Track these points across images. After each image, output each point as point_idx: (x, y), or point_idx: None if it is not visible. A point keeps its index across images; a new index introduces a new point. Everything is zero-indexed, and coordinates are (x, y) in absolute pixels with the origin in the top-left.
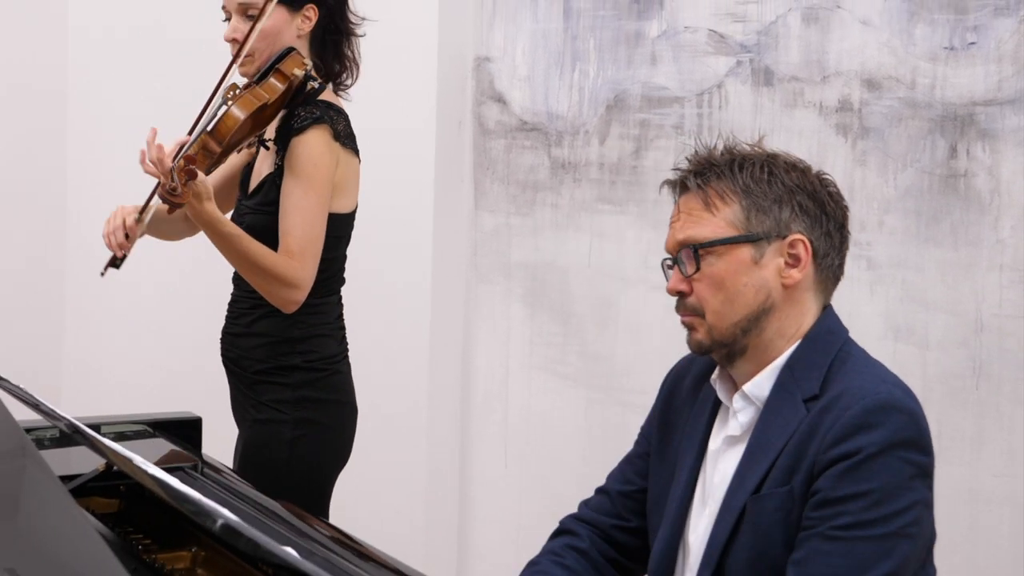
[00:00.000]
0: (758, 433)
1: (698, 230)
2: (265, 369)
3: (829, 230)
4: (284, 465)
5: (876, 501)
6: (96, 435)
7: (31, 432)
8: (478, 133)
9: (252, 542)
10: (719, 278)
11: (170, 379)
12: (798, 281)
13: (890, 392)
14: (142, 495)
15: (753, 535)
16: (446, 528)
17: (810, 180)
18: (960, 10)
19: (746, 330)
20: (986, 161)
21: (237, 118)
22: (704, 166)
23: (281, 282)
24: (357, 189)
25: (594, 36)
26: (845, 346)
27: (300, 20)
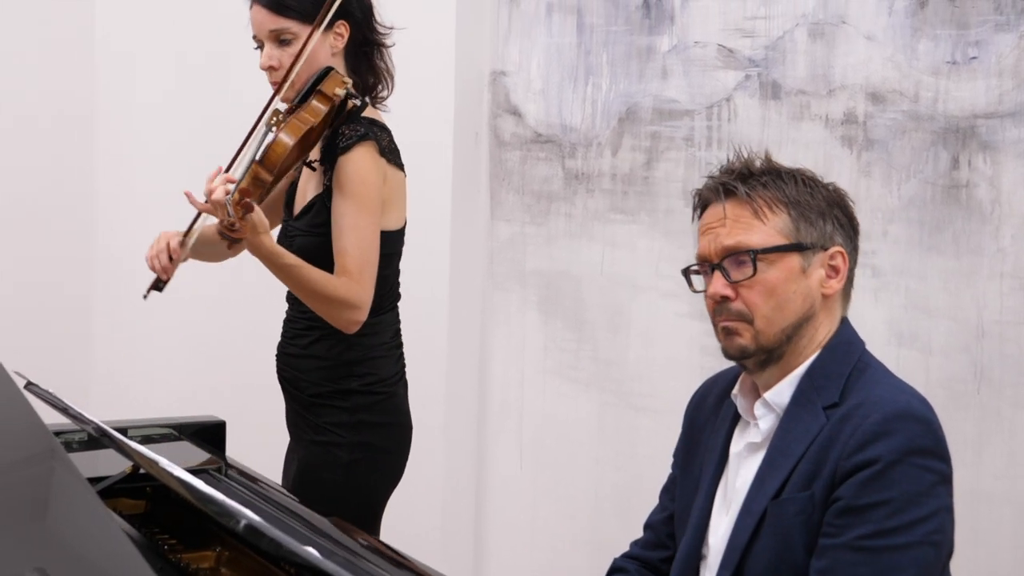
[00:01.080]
0: (778, 439)
1: (750, 236)
2: (323, 392)
3: (857, 244)
4: (340, 488)
5: (898, 509)
6: (123, 438)
7: (60, 435)
8: (494, 145)
9: (274, 542)
10: (772, 285)
11: (195, 383)
12: (836, 291)
13: (908, 402)
14: (168, 496)
15: (773, 539)
16: (463, 527)
17: (839, 194)
18: (962, 26)
19: (790, 336)
20: (987, 172)
21: (287, 145)
22: (746, 174)
23: (343, 305)
24: (404, 204)
25: (607, 51)
26: (863, 357)
27: (333, 38)
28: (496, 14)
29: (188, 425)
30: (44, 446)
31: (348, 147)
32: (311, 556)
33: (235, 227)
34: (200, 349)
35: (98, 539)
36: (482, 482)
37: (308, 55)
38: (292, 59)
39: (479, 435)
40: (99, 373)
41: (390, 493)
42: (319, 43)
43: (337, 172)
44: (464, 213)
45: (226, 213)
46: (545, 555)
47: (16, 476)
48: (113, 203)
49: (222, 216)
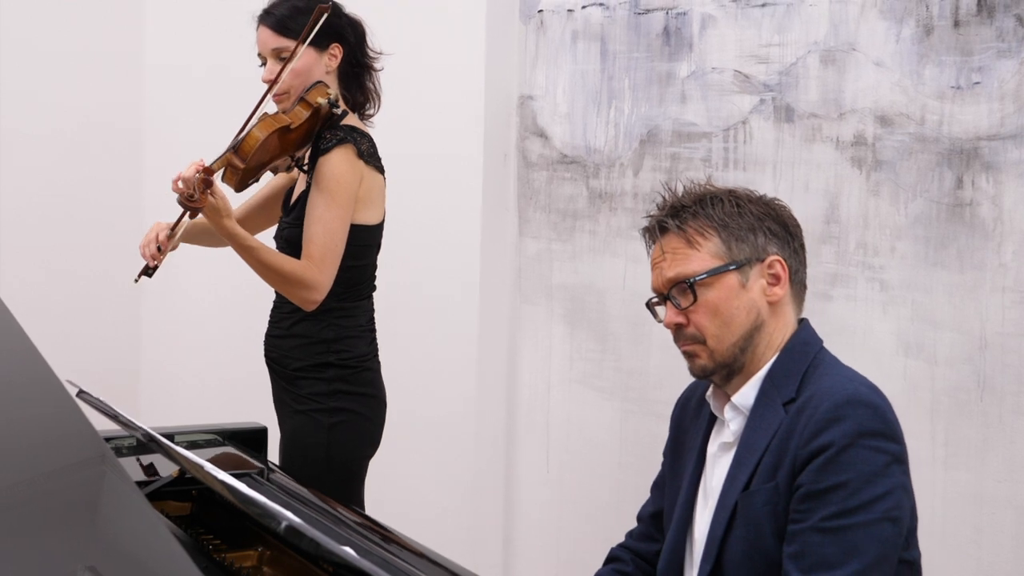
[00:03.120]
0: (745, 437)
1: (687, 266)
2: (303, 366)
3: (795, 248)
4: (324, 448)
5: (856, 489)
6: (170, 444)
7: (111, 441)
8: (522, 165)
9: (313, 542)
10: (714, 305)
11: (239, 391)
12: (781, 297)
13: (856, 389)
14: (212, 499)
15: (745, 529)
16: (492, 528)
17: (771, 206)
18: (966, 52)
19: (743, 348)
20: (990, 191)
21: (257, 138)
22: (677, 208)
23: (299, 284)
24: (383, 202)
25: (629, 76)
26: (819, 354)
27: (327, 58)
28: (524, 42)
29: (232, 431)
30: (95, 451)
31: (327, 149)
32: (348, 555)
33: (193, 197)
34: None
35: (146, 539)
36: (511, 484)
37: (304, 72)
38: (291, 75)
39: (508, 440)
40: (148, 382)
41: (368, 459)
42: (314, 62)
43: (316, 171)
44: (493, 230)
45: (190, 187)
46: (570, 554)
47: (69, 480)
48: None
49: (188, 189)
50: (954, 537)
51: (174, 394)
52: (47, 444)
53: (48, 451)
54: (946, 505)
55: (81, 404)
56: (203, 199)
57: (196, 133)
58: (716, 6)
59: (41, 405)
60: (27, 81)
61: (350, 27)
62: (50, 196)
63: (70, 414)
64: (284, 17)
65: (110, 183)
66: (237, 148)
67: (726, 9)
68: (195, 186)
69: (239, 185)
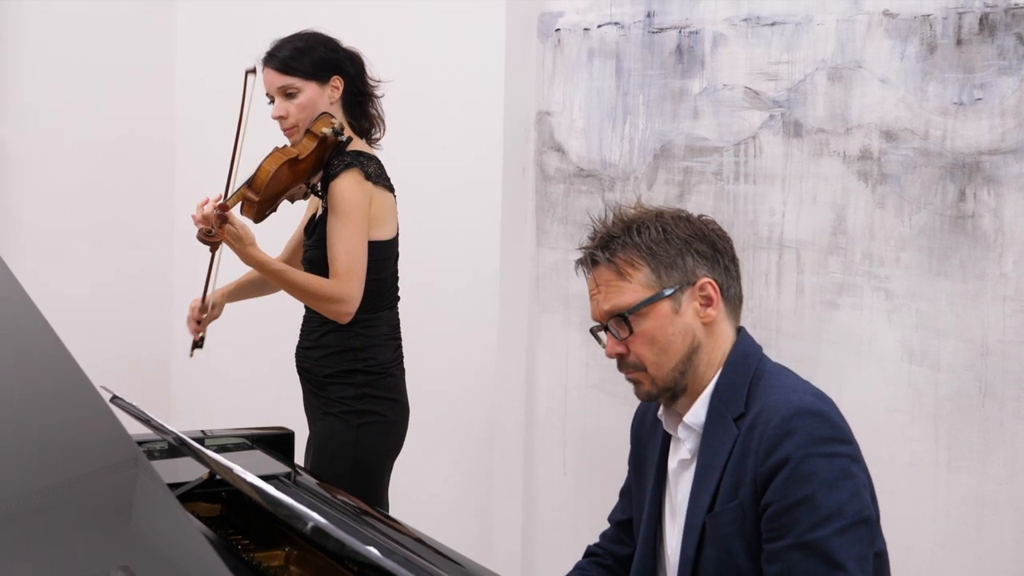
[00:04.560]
0: (702, 455)
1: (620, 299)
2: (333, 373)
3: (726, 265)
4: (352, 447)
5: (823, 499)
6: (200, 447)
7: (143, 445)
8: (540, 179)
9: (339, 542)
10: (650, 335)
11: (267, 397)
12: (714, 317)
13: (800, 399)
14: (241, 501)
15: (715, 549)
16: (511, 528)
17: (697, 226)
18: (968, 69)
19: (683, 371)
20: (991, 204)
21: (268, 170)
22: (606, 240)
23: (329, 300)
24: (395, 218)
25: (643, 93)
26: (760, 364)
27: (330, 90)
28: (541, 59)
29: (260, 435)
30: (128, 455)
31: (336, 174)
32: (372, 555)
33: (211, 232)
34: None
35: (178, 539)
36: (529, 486)
37: (309, 105)
38: (298, 109)
39: (526, 444)
40: (178, 389)
41: (393, 459)
42: (318, 95)
43: (329, 195)
44: (512, 241)
45: (205, 222)
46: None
47: (103, 482)
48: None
49: (207, 225)
50: (956, 537)
51: (204, 400)
52: (82, 448)
53: (83, 455)
54: (949, 506)
55: (115, 409)
56: (221, 232)
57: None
58: (727, 25)
59: (76, 410)
60: (66, 95)
61: (349, 60)
62: (85, 208)
63: (104, 419)
64: (287, 58)
65: (143, 193)
66: (251, 182)
67: (737, 28)
68: (212, 222)
69: (257, 216)
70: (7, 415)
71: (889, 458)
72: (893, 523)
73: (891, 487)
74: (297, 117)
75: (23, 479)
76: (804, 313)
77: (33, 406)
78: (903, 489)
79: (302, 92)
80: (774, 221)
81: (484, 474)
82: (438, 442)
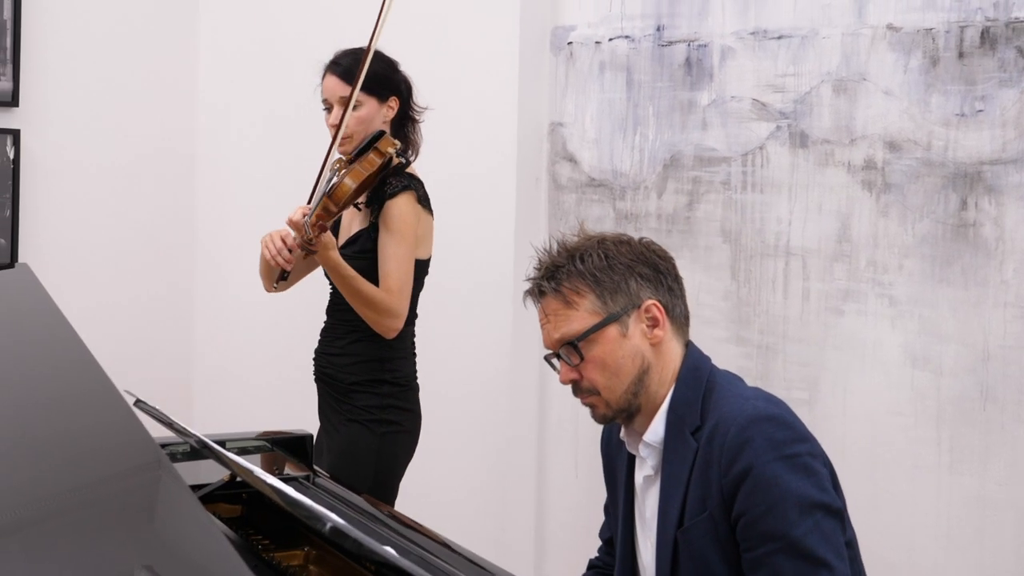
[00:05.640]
0: (665, 471)
1: (569, 327)
2: (359, 381)
3: (669, 285)
4: (375, 454)
5: (794, 502)
6: (222, 450)
7: (166, 447)
8: (552, 188)
9: (357, 542)
10: (600, 360)
11: (286, 400)
12: (662, 337)
13: (753, 407)
14: (261, 502)
15: (692, 562)
16: (524, 528)
17: (638, 250)
18: (970, 82)
19: (635, 392)
20: (992, 213)
21: (350, 186)
22: (551, 270)
23: (386, 313)
24: (432, 241)
25: (653, 104)
26: (711, 377)
27: (386, 109)
28: (554, 72)
29: (280, 438)
30: (151, 457)
31: (394, 194)
32: (389, 555)
33: (312, 242)
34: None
35: (199, 539)
36: (542, 488)
37: (367, 120)
38: (356, 121)
39: (539, 448)
40: (200, 392)
41: (406, 467)
42: (376, 111)
43: (384, 213)
44: (525, 249)
45: (304, 232)
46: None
47: (126, 484)
48: (211, 238)
49: (301, 234)
50: (958, 538)
51: (225, 404)
52: (107, 450)
53: (108, 457)
54: (950, 507)
55: (139, 413)
56: (319, 241)
57: (244, 161)
58: (735, 38)
59: (101, 414)
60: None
61: (404, 84)
62: (110, 221)
63: (128, 422)
64: (350, 67)
65: (165, 206)
66: (332, 194)
67: (744, 41)
68: (311, 231)
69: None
70: (36, 419)
71: (892, 460)
72: (896, 524)
73: (894, 488)
74: (354, 129)
75: (51, 480)
76: (810, 319)
77: (61, 410)
78: (906, 490)
79: (363, 106)
80: (781, 229)
81: (498, 477)
82: (454, 446)
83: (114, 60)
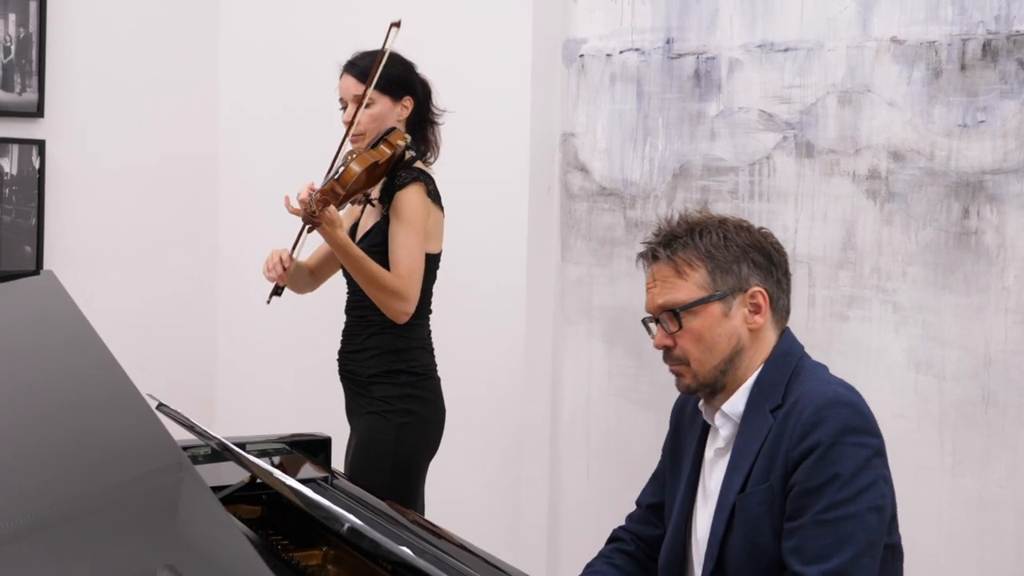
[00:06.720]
0: (738, 442)
1: (674, 295)
2: (376, 373)
3: (779, 277)
4: (393, 444)
5: (844, 483)
6: (242, 452)
7: (187, 450)
8: (564, 197)
9: (374, 542)
10: (698, 333)
11: (307, 404)
12: (761, 325)
13: (835, 391)
14: (281, 503)
15: (744, 527)
16: (537, 529)
17: (756, 238)
18: (971, 93)
19: (724, 371)
20: (993, 221)
21: (355, 171)
22: (669, 238)
23: (395, 295)
24: (442, 235)
25: (662, 115)
26: (800, 362)
27: (400, 109)
28: (566, 84)
29: (299, 441)
30: (173, 459)
31: (404, 184)
32: (405, 555)
33: (315, 213)
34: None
35: (220, 539)
36: (554, 489)
37: (380, 118)
38: (369, 119)
39: (552, 449)
40: (222, 396)
41: (429, 459)
42: (389, 110)
43: (394, 203)
44: (538, 256)
45: (309, 204)
46: None
47: (149, 485)
48: (233, 242)
49: (306, 206)
50: (960, 538)
51: (247, 406)
52: (130, 453)
53: (131, 459)
54: (953, 508)
55: (161, 416)
56: (323, 214)
57: (265, 164)
58: (743, 51)
59: (125, 417)
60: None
61: (420, 85)
62: (133, 225)
63: (150, 425)
64: (367, 67)
65: (188, 209)
66: (339, 177)
67: (752, 54)
68: (315, 204)
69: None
70: (62, 422)
71: (896, 463)
72: (900, 524)
73: (898, 490)
74: (367, 126)
75: (75, 482)
76: (816, 325)
77: (85, 413)
78: (909, 492)
79: (376, 104)
80: (787, 237)
81: (512, 477)
82: (468, 447)
83: (135, 71)
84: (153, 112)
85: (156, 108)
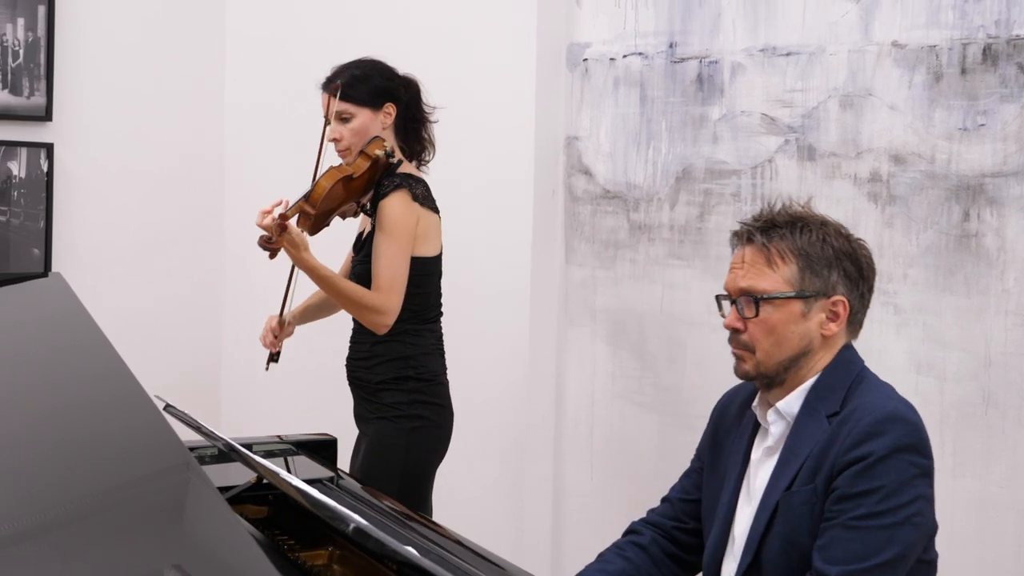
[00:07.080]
0: (789, 443)
1: (759, 282)
2: (385, 379)
3: (863, 291)
4: (403, 449)
5: (885, 495)
6: (249, 453)
7: (194, 450)
8: (568, 200)
9: (379, 542)
10: (772, 325)
11: (313, 405)
12: (835, 333)
13: (895, 407)
14: (287, 503)
15: (784, 526)
16: (542, 529)
17: (852, 248)
18: (972, 97)
19: (787, 367)
20: (994, 224)
21: (324, 187)
22: (768, 224)
23: (370, 309)
24: (439, 237)
25: (665, 119)
26: (861, 372)
27: (383, 116)
28: (570, 88)
29: (305, 442)
30: (181, 460)
31: (386, 193)
32: (411, 555)
33: (271, 240)
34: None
35: (227, 539)
36: (558, 490)
37: (362, 130)
38: (351, 133)
39: (556, 450)
40: (228, 397)
41: (439, 463)
42: (371, 120)
43: (378, 213)
44: (542, 259)
45: (267, 229)
46: None
47: (157, 485)
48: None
49: (265, 232)
50: (960, 538)
51: (253, 407)
52: (138, 453)
53: (138, 459)
54: (954, 509)
55: (168, 417)
56: (280, 240)
57: (271, 165)
58: (745, 55)
59: (132, 418)
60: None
61: (404, 87)
62: (140, 227)
63: (158, 426)
64: (345, 85)
65: (194, 212)
66: (308, 196)
67: (754, 58)
68: (273, 231)
69: (312, 229)
70: (69, 423)
71: None
72: None
73: None
74: (350, 140)
75: (83, 482)
76: None
77: (92, 414)
78: None
79: (356, 118)
80: None
81: (516, 478)
82: (472, 447)
83: (143, 75)
84: (160, 115)
85: (163, 111)
